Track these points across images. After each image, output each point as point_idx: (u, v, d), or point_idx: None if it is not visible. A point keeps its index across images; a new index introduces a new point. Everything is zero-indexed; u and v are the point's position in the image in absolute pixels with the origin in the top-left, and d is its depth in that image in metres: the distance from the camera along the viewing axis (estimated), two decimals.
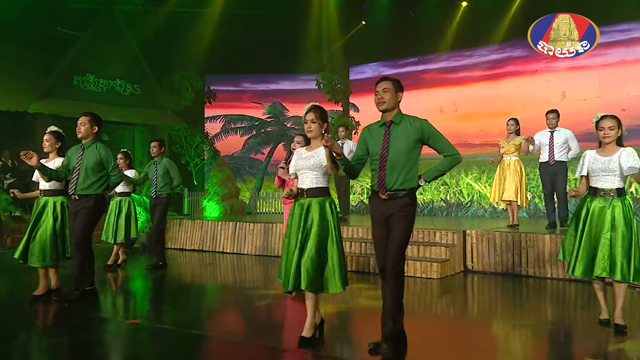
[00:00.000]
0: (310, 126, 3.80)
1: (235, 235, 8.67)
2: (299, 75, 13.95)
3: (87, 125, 5.07)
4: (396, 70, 13.02)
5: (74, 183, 4.99)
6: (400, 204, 3.48)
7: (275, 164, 14.08)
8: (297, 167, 3.85)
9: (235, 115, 14.28)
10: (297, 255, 3.63)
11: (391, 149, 3.50)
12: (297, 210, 3.78)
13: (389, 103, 3.58)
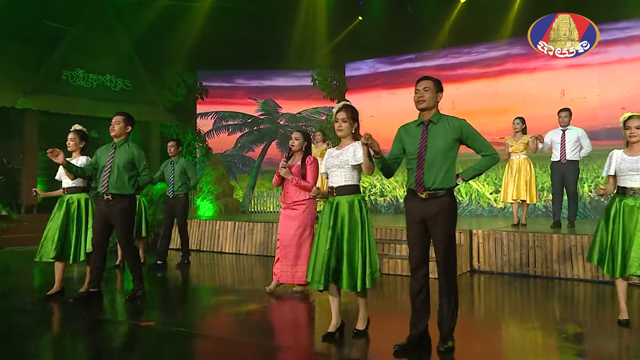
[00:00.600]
0: (341, 125, 3.88)
1: (234, 234, 8.61)
2: (294, 71, 13.89)
3: (122, 124, 5.08)
4: (393, 67, 13.03)
5: (105, 182, 4.96)
6: (441, 203, 3.51)
7: (268, 162, 14.02)
8: (327, 166, 3.92)
9: (227, 112, 14.17)
10: (328, 255, 3.68)
11: (429, 148, 3.53)
12: (327, 209, 3.83)
13: (429, 102, 3.63)
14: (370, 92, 13.15)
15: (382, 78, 13.10)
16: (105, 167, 4.96)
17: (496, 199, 11.53)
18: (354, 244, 3.72)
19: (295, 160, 5.41)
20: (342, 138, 3.93)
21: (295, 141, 5.38)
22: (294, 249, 5.39)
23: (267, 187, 13.82)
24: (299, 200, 5.38)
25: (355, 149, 3.82)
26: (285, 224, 5.44)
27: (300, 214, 5.38)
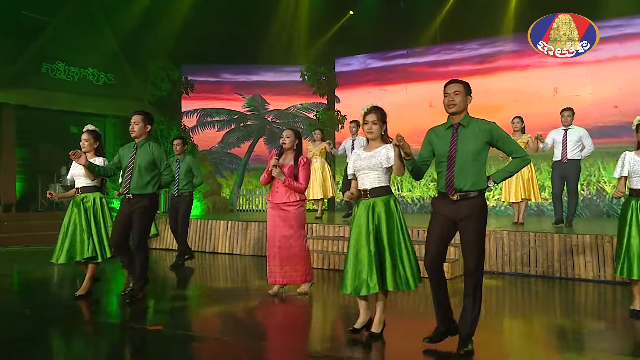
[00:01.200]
0: (372, 127, 3.97)
1: (227, 234, 8.53)
2: (282, 66, 13.79)
3: (141, 124, 5.13)
4: (384, 62, 13.03)
5: (128, 182, 5.07)
6: (472, 205, 3.57)
7: (256, 160, 13.92)
8: (357, 168, 4.01)
9: (213, 108, 14.02)
10: (369, 257, 3.78)
11: (459, 151, 3.60)
12: (362, 212, 3.91)
13: (459, 106, 3.65)
14: (361, 88, 13.11)
15: (372, 74, 13.07)
16: (127, 168, 5.08)
17: (488, 197, 11.63)
18: (395, 244, 3.85)
19: (287, 160, 5.33)
20: (372, 140, 4.01)
21: (286, 139, 5.32)
22: (284, 250, 5.30)
23: (255, 184, 13.72)
24: (290, 202, 5.28)
25: (388, 152, 3.92)
26: (274, 225, 5.34)
27: (292, 215, 5.29)
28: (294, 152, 5.38)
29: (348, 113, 12.87)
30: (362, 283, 3.81)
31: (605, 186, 10.75)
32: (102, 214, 5.32)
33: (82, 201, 5.29)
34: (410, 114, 12.32)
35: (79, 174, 5.33)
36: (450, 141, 3.64)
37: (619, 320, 4.92)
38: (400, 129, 12.61)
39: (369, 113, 4.01)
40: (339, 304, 5.48)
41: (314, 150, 8.80)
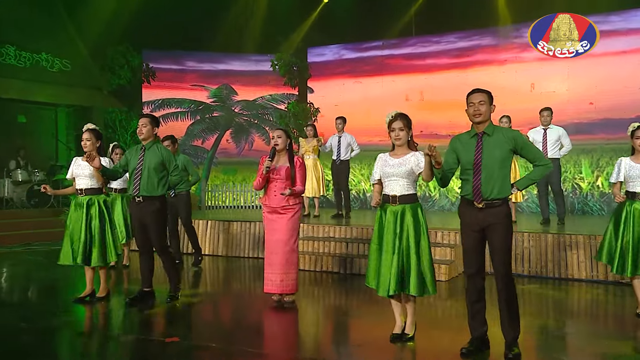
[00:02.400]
0: (399, 134, 4.15)
1: (208, 234, 8.41)
2: (251, 55, 13.61)
3: (149, 127, 5.30)
4: (359, 54, 13.08)
5: (137, 185, 5.21)
6: (498, 212, 3.78)
7: (223, 153, 13.72)
8: (385, 174, 4.15)
9: (176, 98, 13.71)
10: (397, 261, 3.99)
11: (485, 159, 3.77)
12: (389, 217, 4.09)
13: (485, 115, 3.82)
14: (335, 80, 13.13)
15: (347, 65, 13.08)
16: (135, 170, 5.21)
17: None
18: (421, 251, 4.05)
19: (281, 162, 5.30)
20: (398, 147, 4.18)
21: (278, 140, 5.29)
22: (283, 256, 5.27)
23: (222, 179, 13.56)
24: (290, 205, 5.27)
25: (417, 159, 4.08)
26: (272, 229, 5.32)
27: (290, 219, 5.28)
28: (287, 153, 5.37)
29: (321, 105, 12.89)
30: (382, 286, 4.07)
31: (581, 183, 11.24)
32: (108, 217, 5.44)
33: (87, 204, 5.36)
34: (386, 108, 12.28)
35: (82, 174, 5.40)
36: (475, 149, 3.82)
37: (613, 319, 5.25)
38: (376, 123, 12.69)
39: (395, 120, 4.19)
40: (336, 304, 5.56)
41: (307, 147, 8.79)
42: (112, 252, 5.43)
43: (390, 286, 4.00)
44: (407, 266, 4.02)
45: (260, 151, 13.68)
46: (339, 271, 7.11)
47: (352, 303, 6.04)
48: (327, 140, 9.11)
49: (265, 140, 13.67)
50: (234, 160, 13.66)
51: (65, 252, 5.36)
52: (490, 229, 3.78)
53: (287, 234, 5.28)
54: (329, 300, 6.13)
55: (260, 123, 13.78)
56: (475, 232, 3.84)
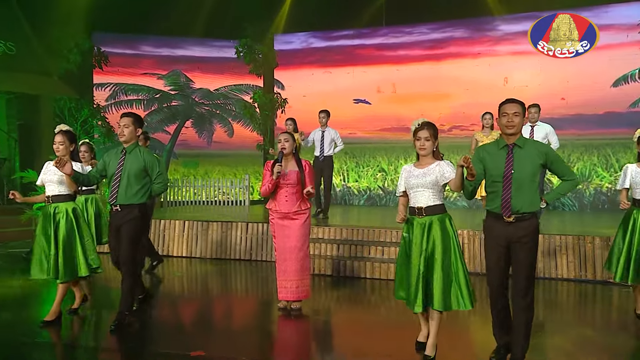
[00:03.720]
0: (424, 144, 4.05)
1: (185, 235, 8.31)
2: (213, 40, 13.39)
3: (132, 128, 4.89)
4: (328, 42, 13.11)
5: (115, 192, 4.83)
6: (527, 227, 3.79)
7: (182, 145, 13.50)
8: (409, 186, 4.12)
9: (131, 85, 13.35)
10: (425, 275, 3.96)
11: (516, 172, 3.78)
12: (416, 231, 4.05)
13: (518, 127, 3.81)
14: (303, 69, 13.11)
15: (316, 54, 13.07)
16: (114, 176, 4.84)
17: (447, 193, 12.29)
18: (451, 264, 3.99)
19: (289, 166, 5.33)
20: (423, 156, 4.12)
21: (285, 144, 5.30)
22: (298, 262, 5.35)
23: (182, 173, 13.35)
24: (302, 210, 5.34)
25: (442, 169, 4.03)
26: (284, 236, 5.35)
27: (303, 224, 5.35)
28: (294, 157, 5.42)
29: (289, 96, 12.84)
30: (409, 300, 4.08)
31: (552, 178, 11.78)
32: (77, 227, 5.05)
33: (53, 213, 5.01)
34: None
35: (51, 180, 5.04)
36: (505, 162, 3.82)
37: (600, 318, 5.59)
38: (346, 115, 12.73)
39: (422, 129, 4.08)
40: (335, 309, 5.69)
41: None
42: (82, 266, 5.03)
43: (417, 303, 3.97)
44: (432, 280, 3.97)
45: (222, 143, 13.58)
46: (331, 274, 7.20)
47: (360, 309, 6.06)
48: (309, 134, 8.96)
49: (228, 131, 13.58)
50: (194, 153, 13.47)
51: (36, 265, 5.03)
52: (517, 243, 3.80)
53: (301, 240, 5.34)
54: (333, 306, 6.14)
55: (222, 113, 13.63)
56: (502, 246, 3.85)
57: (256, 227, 8.16)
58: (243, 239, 8.18)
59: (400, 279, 4.23)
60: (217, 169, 13.48)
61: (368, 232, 7.63)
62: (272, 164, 5.28)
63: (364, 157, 12.70)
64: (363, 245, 7.36)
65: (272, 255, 8.07)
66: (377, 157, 12.59)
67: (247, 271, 7.72)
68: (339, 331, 5.25)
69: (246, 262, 8.06)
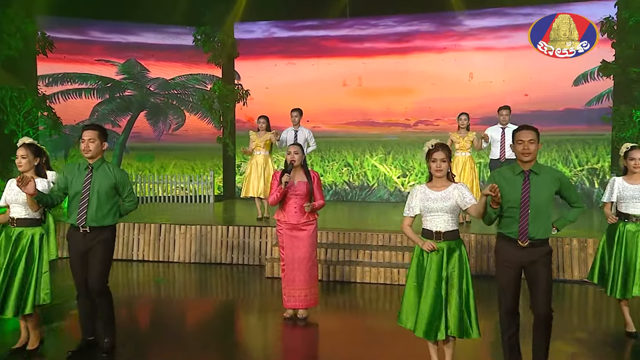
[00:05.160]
0: (440, 165, 4.13)
1: (160, 240, 8.35)
2: (168, 26, 13.14)
3: (98, 142, 4.61)
4: (292, 32, 13.21)
5: (83, 213, 4.57)
6: (541, 251, 4.05)
7: (136, 138, 13.26)
8: (426, 209, 4.16)
9: (80, 73, 12.98)
10: (440, 303, 4.02)
11: (533, 199, 4.01)
12: (433, 255, 4.09)
13: (533, 154, 4.03)
14: (265, 60, 13.15)
15: (279, 45, 13.11)
16: (81, 195, 4.58)
17: (404, 182, 12.78)
18: (464, 291, 4.08)
19: (298, 177, 5.56)
20: (438, 178, 4.20)
21: (295, 156, 5.50)
22: (307, 272, 5.61)
23: (136, 167, 13.18)
24: (310, 220, 5.60)
25: (462, 194, 4.13)
26: (293, 246, 5.58)
27: (311, 234, 5.61)
28: (302, 168, 5.67)
29: (251, 87, 12.89)
30: (421, 326, 4.08)
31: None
32: (38, 257, 4.72)
33: (17, 237, 4.69)
34: (322, 93, 12.80)
35: (15, 200, 4.71)
36: (522, 188, 4.03)
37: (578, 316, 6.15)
38: (311, 108, 12.99)
39: (437, 151, 4.16)
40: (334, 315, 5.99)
41: (258, 141, 8.76)
42: (29, 303, 4.65)
43: (441, 330, 4.01)
44: (450, 307, 4.04)
45: (179, 135, 13.51)
46: (321, 279, 7.48)
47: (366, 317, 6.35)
48: (282, 134, 8.95)
49: (185, 123, 13.50)
50: (149, 146, 13.31)
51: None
52: (532, 267, 4.02)
53: (310, 250, 5.60)
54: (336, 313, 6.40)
55: (178, 104, 13.53)
56: (515, 269, 4.05)
57: (236, 230, 8.35)
58: (223, 242, 8.34)
59: (411, 305, 4.19)
60: (173, 163, 13.41)
61: (354, 236, 7.93)
62: (281, 174, 5.50)
63: (329, 152, 12.98)
64: (351, 250, 7.66)
65: (253, 259, 8.29)
66: (342, 151, 12.89)
67: (229, 276, 7.89)
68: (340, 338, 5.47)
69: (226, 266, 8.24)
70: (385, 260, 7.53)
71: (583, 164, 11.97)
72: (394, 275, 7.27)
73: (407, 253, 7.50)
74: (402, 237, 7.87)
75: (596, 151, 11.88)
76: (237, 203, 12.41)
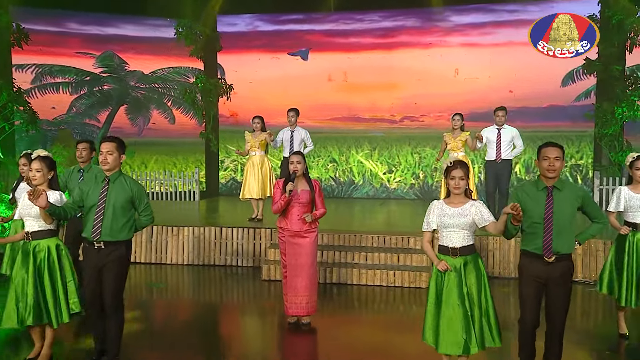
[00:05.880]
0: (459, 183, 4.24)
1: (153, 241, 8.47)
2: (148, 18, 13.14)
3: (116, 154, 4.61)
4: (276, 26, 13.30)
5: (98, 227, 4.57)
6: (564, 267, 4.23)
7: (117, 132, 13.27)
8: (443, 225, 4.27)
9: (57, 66, 12.88)
10: (466, 318, 4.15)
11: (557, 215, 4.17)
12: (452, 273, 4.20)
13: (558, 171, 4.18)
14: (249, 54, 13.21)
15: (263, 39, 13.17)
16: (96, 208, 4.59)
17: (389, 179, 13.06)
18: (483, 303, 4.23)
19: (300, 185, 5.70)
20: (455, 195, 4.32)
21: (297, 165, 5.62)
22: (309, 279, 5.78)
23: None
24: (311, 228, 5.77)
25: (480, 211, 4.22)
26: (296, 253, 5.74)
27: (313, 241, 5.78)
28: (304, 177, 5.87)
29: (234, 82, 12.96)
30: (445, 343, 4.19)
31: None
32: (59, 267, 4.80)
33: (33, 251, 4.73)
34: (307, 88, 12.95)
35: (28, 214, 4.75)
36: (546, 204, 4.18)
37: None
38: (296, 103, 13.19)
39: (455, 168, 4.24)
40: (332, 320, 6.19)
41: (253, 141, 8.83)
42: (65, 311, 4.77)
43: (473, 344, 4.13)
44: (473, 322, 4.16)
45: (160, 130, 13.54)
46: (318, 281, 7.70)
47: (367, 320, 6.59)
48: (278, 134, 9.07)
49: (166, 118, 13.54)
50: (130, 141, 13.25)
51: (9, 312, 4.70)
52: (554, 283, 4.19)
53: (311, 257, 5.79)
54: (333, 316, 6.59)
55: (160, 99, 13.54)
56: (540, 283, 4.23)
57: (230, 232, 8.51)
58: (217, 244, 8.50)
59: (434, 322, 4.28)
60: (154, 158, 13.45)
61: (348, 237, 8.14)
62: (284, 183, 5.69)
63: (314, 147, 13.14)
64: (347, 252, 7.86)
65: (247, 261, 8.47)
66: (327, 147, 13.09)
67: (225, 278, 8.05)
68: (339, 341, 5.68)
69: (220, 268, 8.41)
70: (381, 262, 7.73)
71: (567, 160, 12.37)
72: (390, 277, 7.47)
73: (402, 255, 7.72)
74: (395, 238, 8.09)
75: (579, 147, 12.32)
76: (222, 200, 12.55)
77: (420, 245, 7.69)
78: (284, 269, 5.93)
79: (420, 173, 12.90)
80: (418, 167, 12.92)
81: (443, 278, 4.27)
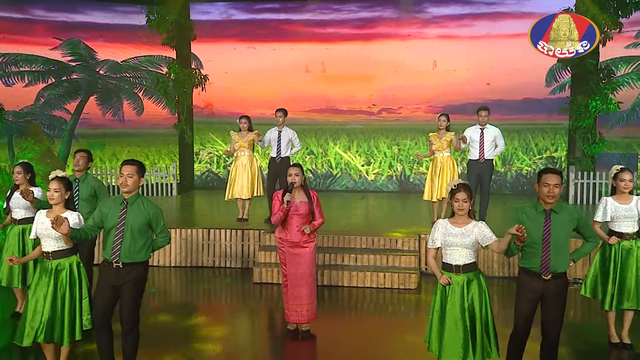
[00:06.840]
0: (462, 205, 4.61)
1: None
2: (117, 5, 13.04)
3: (136, 177, 4.85)
4: (251, 15, 13.35)
5: (117, 249, 4.79)
6: (561, 284, 4.68)
7: (86, 124, 13.18)
8: (447, 243, 4.64)
9: (22, 55, 12.72)
10: (465, 333, 4.55)
11: (554, 236, 4.59)
12: (454, 287, 4.60)
13: (557, 197, 4.59)
14: (223, 43, 13.24)
15: (237, 28, 13.19)
16: (115, 230, 4.83)
17: (367, 170, 13.44)
18: (483, 318, 4.63)
19: (298, 197, 5.94)
20: (460, 215, 4.67)
21: (295, 177, 5.83)
22: (309, 287, 6.07)
23: None
24: (311, 238, 6.06)
25: (482, 232, 4.60)
26: (296, 263, 6.01)
27: (311, 251, 6.07)
28: (302, 189, 6.17)
29: (209, 72, 13.01)
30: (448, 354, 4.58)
31: None
32: (78, 285, 5.05)
33: (55, 270, 4.96)
34: (284, 78, 13.11)
35: (48, 235, 4.95)
36: (544, 226, 4.59)
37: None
38: (273, 95, 13.37)
39: (459, 191, 4.60)
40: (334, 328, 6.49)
41: (241, 141, 8.97)
42: (78, 329, 5.01)
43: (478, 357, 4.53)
44: (474, 335, 4.55)
45: (132, 121, 13.57)
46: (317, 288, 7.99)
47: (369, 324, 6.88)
48: (265, 134, 9.20)
49: (137, 108, 13.56)
50: (100, 132, 13.31)
51: (23, 328, 4.93)
52: (550, 297, 4.62)
53: (311, 266, 6.07)
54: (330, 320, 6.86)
55: (131, 88, 13.53)
56: (537, 298, 4.66)
57: (218, 233, 8.76)
58: (205, 245, 8.75)
59: (439, 335, 4.66)
60: (126, 150, 13.47)
61: (338, 239, 8.45)
62: (282, 194, 5.97)
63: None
64: (337, 253, 8.14)
65: (236, 262, 8.74)
66: (305, 139, 13.27)
67: (214, 281, 8.29)
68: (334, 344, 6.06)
69: (209, 270, 8.67)
70: (370, 264, 8.07)
71: (542, 152, 12.96)
72: (380, 279, 7.84)
73: (392, 256, 8.08)
74: (384, 239, 8.46)
75: (554, 140, 12.89)
76: (198, 195, 12.71)
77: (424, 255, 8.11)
78: (284, 278, 6.21)
79: (398, 165, 13.30)
80: (396, 160, 13.32)
81: (447, 292, 4.64)
